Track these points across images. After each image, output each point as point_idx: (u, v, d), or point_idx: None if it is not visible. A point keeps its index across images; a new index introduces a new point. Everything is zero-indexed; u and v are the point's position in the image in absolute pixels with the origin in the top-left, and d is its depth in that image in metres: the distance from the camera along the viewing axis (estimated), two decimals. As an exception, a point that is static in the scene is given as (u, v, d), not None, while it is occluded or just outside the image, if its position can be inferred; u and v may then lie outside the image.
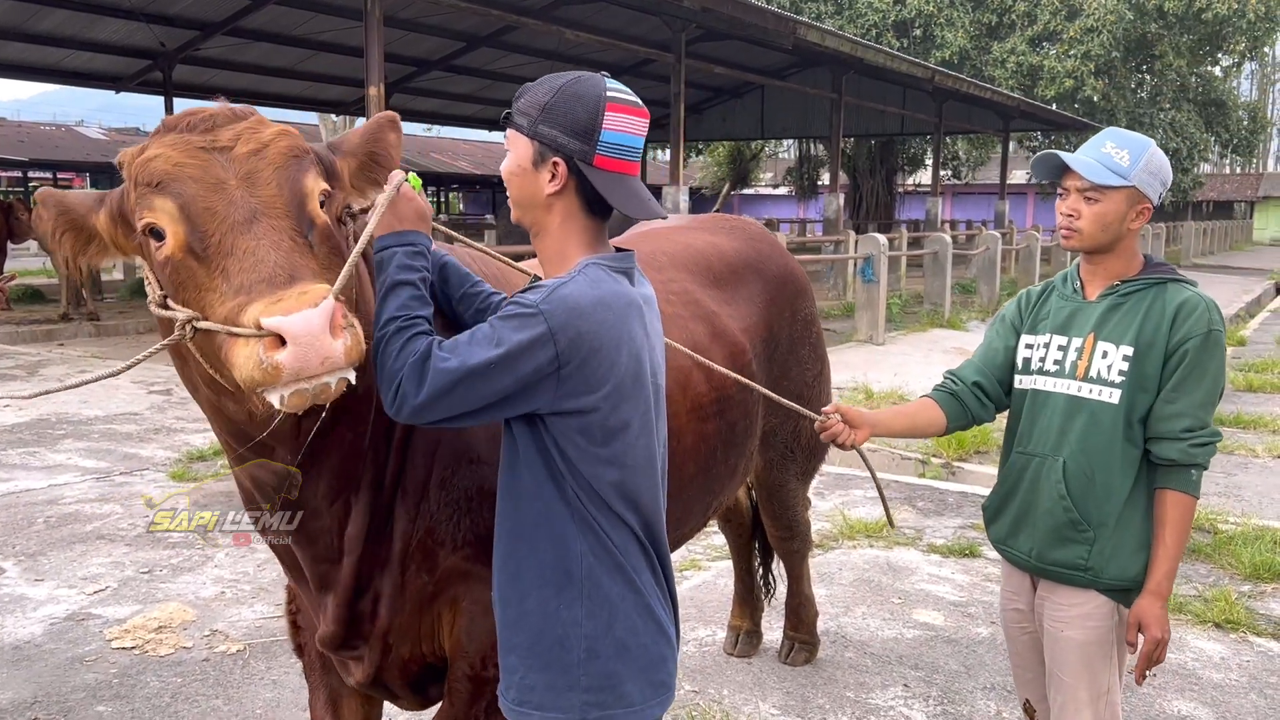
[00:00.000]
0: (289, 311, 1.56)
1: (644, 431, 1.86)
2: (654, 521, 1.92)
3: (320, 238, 1.80)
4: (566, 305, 1.71)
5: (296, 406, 1.61)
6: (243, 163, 1.77)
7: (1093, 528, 2.40)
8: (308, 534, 2.12)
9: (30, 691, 3.85)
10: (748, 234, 3.59)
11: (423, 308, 1.79)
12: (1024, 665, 2.67)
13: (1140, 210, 2.41)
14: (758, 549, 4.31)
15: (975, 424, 2.71)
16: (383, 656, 2.23)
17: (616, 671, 1.84)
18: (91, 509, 6.02)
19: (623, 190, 1.82)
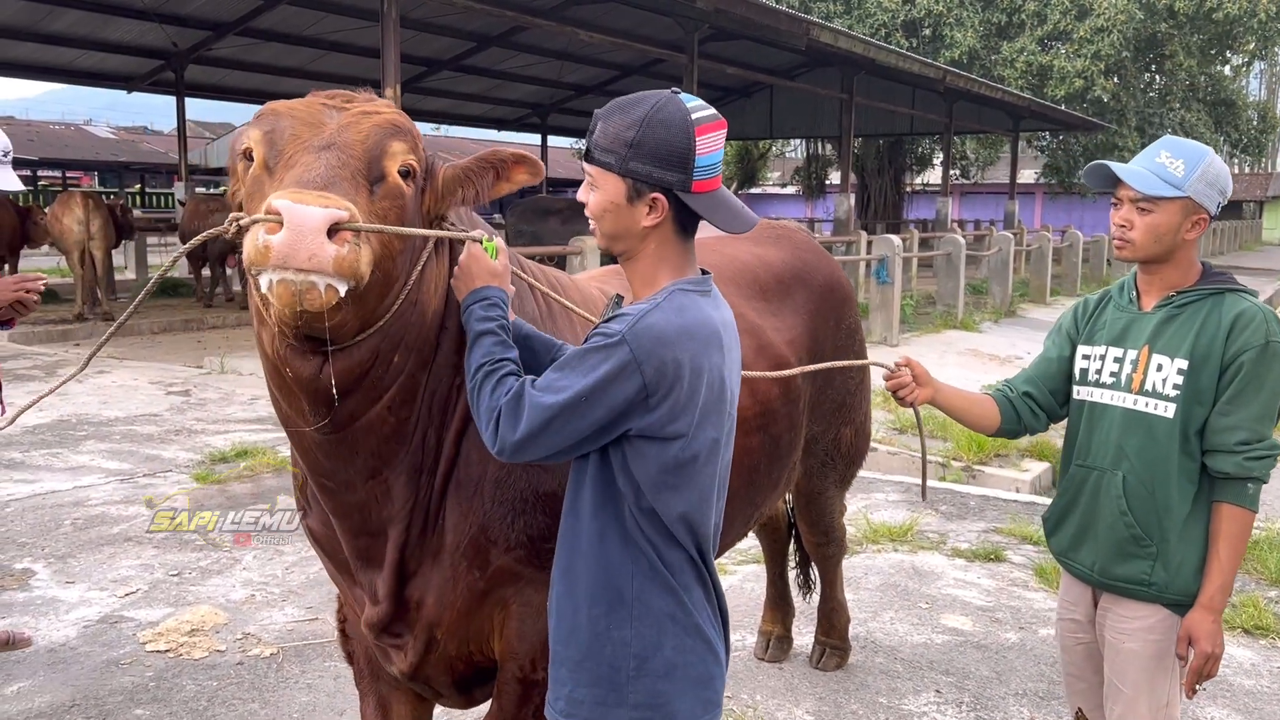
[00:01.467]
0: (299, 201, 1.64)
1: (712, 459, 1.87)
2: (707, 544, 1.93)
3: (385, 193, 1.87)
4: (652, 334, 1.73)
5: (282, 299, 1.66)
6: (349, 116, 1.90)
7: (1155, 542, 2.39)
8: (343, 507, 2.14)
9: (68, 694, 3.87)
10: (794, 243, 3.60)
11: (507, 351, 1.87)
12: (1078, 675, 2.67)
13: (1196, 221, 2.38)
14: (794, 552, 4.32)
15: (1028, 432, 2.71)
16: (428, 649, 2.24)
17: (665, 690, 1.85)
18: (117, 511, 6.04)
19: (720, 209, 1.85)
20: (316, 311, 1.70)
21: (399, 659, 2.28)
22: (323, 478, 2.10)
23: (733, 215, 1.86)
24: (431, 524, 2.15)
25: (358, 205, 1.75)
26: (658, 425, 1.76)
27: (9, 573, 5.06)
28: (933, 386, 2.62)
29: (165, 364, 11.31)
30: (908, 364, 2.62)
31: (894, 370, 2.62)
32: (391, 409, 2.01)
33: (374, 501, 2.11)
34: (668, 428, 1.77)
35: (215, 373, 10.83)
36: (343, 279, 1.69)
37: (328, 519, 2.22)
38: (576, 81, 24.76)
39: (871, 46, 17.28)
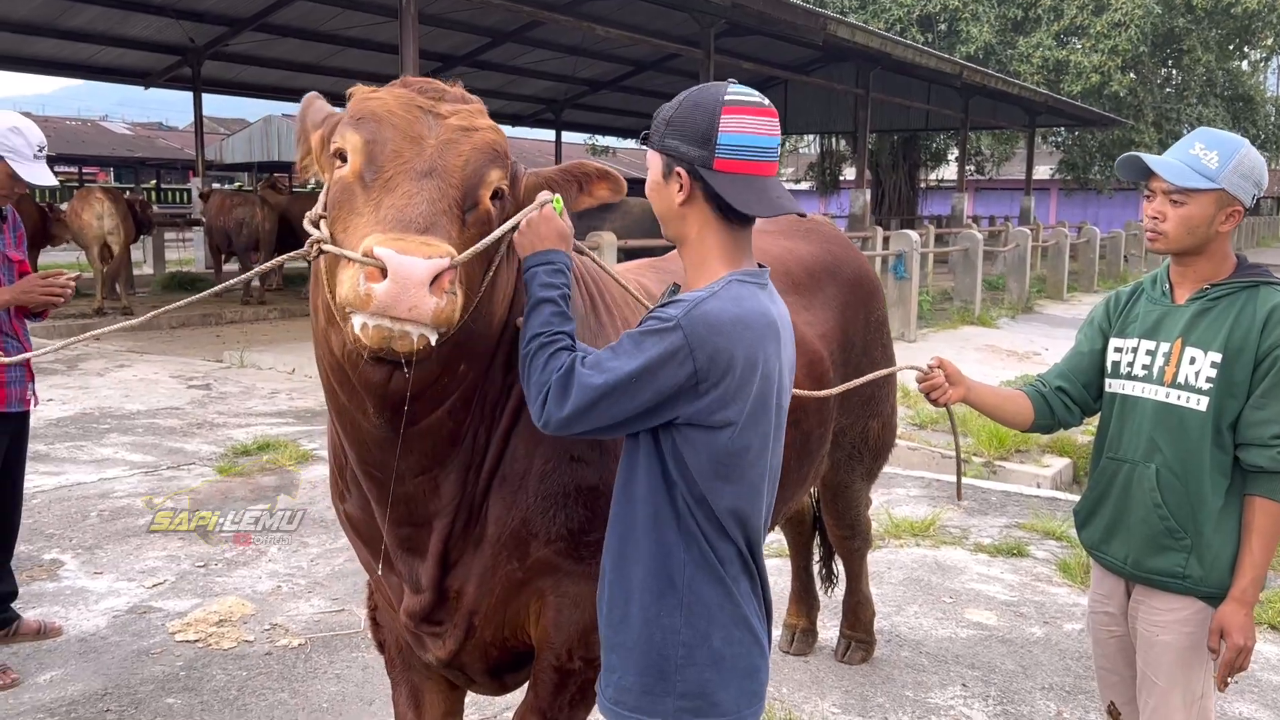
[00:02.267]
0: (404, 251, 1.63)
1: (762, 453, 1.87)
2: (756, 537, 1.93)
3: (476, 220, 1.88)
4: (707, 321, 1.73)
5: (374, 341, 1.67)
6: (448, 131, 1.88)
7: (1189, 535, 2.39)
8: (390, 497, 2.14)
9: (100, 683, 3.91)
10: (823, 236, 3.60)
11: (564, 324, 1.86)
12: (1110, 668, 2.67)
13: (1231, 213, 2.37)
14: (818, 546, 4.33)
15: (1061, 427, 2.71)
16: (466, 636, 2.26)
17: (711, 680, 1.86)
18: (143, 503, 6.08)
19: (746, 190, 1.82)
20: (402, 352, 1.71)
21: (436, 646, 2.29)
22: (372, 468, 2.11)
23: (759, 198, 1.82)
24: (475, 517, 2.16)
25: (452, 239, 1.76)
26: (706, 413, 1.77)
27: (38, 563, 5.10)
28: (965, 385, 2.63)
29: (185, 358, 11.37)
30: (940, 365, 2.63)
31: (927, 372, 2.63)
32: (451, 413, 2.03)
33: (421, 495, 2.12)
34: (716, 415, 1.77)
35: (235, 367, 10.88)
36: (438, 329, 1.70)
37: (368, 505, 2.23)
38: (590, 77, 24.75)
39: (888, 41, 17.24)
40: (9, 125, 3.78)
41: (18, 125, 3.83)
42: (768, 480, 1.93)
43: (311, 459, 7.08)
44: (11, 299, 3.81)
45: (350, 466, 2.21)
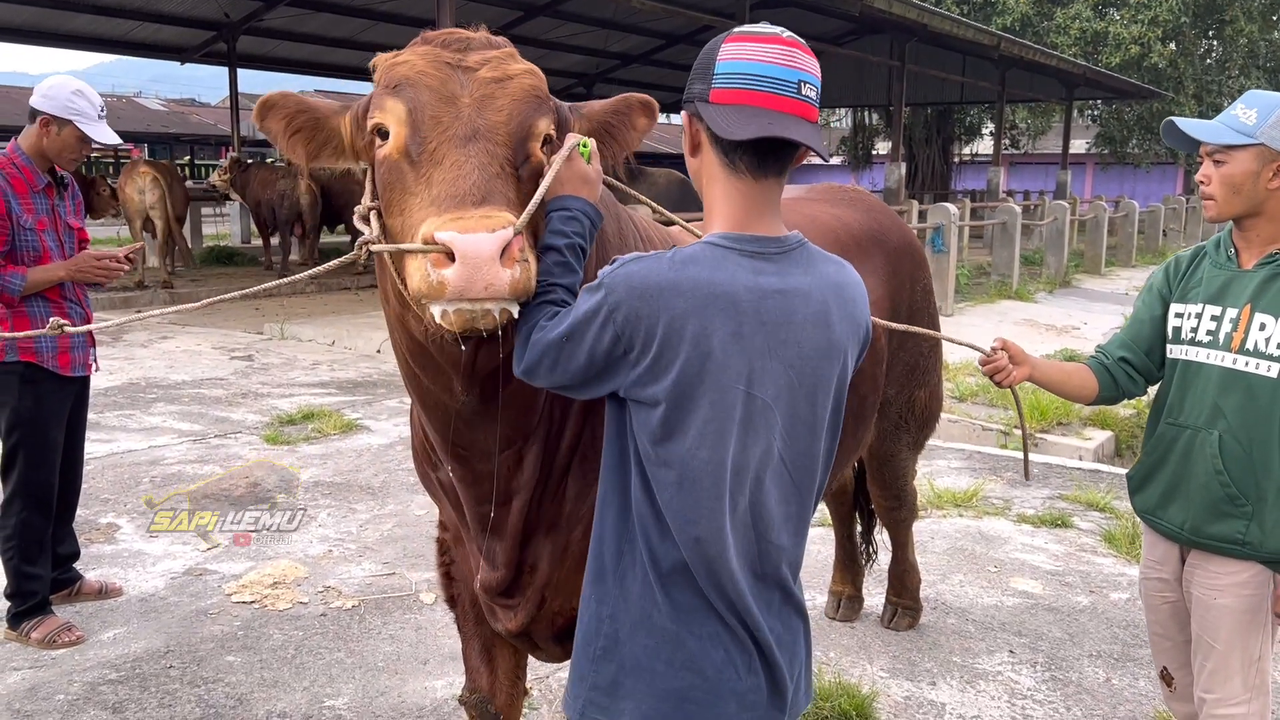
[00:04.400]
0: (466, 230, 1.56)
1: (707, 444, 1.61)
2: (715, 556, 1.64)
3: (530, 174, 1.77)
4: (629, 283, 1.59)
5: (457, 325, 1.60)
6: (482, 85, 1.77)
7: (1251, 502, 2.38)
8: (475, 475, 2.10)
9: (162, 641, 4.01)
10: (867, 205, 3.60)
11: (564, 274, 1.72)
12: (1164, 634, 2.67)
13: (1277, 169, 2.33)
14: (859, 516, 4.34)
15: (1126, 397, 2.70)
16: (537, 609, 2.27)
17: (623, 684, 1.70)
18: (193, 470, 6.19)
19: (735, 116, 1.59)
20: (488, 327, 1.63)
21: (508, 619, 2.30)
22: (459, 447, 2.07)
23: (740, 121, 1.59)
24: (552, 493, 2.14)
25: (510, 202, 1.68)
26: (638, 386, 1.62)
27: (95, 526, 5.22)
28: (1029, 364, 2.61)
29: (225, 330, 11.51)
30: (1004, 346, 2.59)
31: (990, 354, 2.59)
32: None
33: (506, 471, 2.08)
34: (646, 390, 1.61)
35: (276, 339, 11.01)
36: (516, 301, 1.62)
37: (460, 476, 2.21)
38: (622, 50, 24.65)
39: (925, 12, 17.01)
40: (72, 89, 3.84)
41: (80, 88, 3.89)
42: (730, 482, 1.64)
43: (356, 428, 7.17)
44: (66, 275, 3.87)
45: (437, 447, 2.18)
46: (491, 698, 2.60)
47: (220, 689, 3.66)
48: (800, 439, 1.71)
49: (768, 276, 1.63)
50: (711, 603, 1.67)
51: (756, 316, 1.61)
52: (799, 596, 1.79)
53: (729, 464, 1.63)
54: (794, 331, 1.65)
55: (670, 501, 1.64)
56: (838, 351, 1.72)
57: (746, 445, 1.65)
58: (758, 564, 1.71)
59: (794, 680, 1.76)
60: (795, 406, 1.68)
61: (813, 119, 1.64)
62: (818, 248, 1.77)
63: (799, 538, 1.77)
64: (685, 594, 1.66)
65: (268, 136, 2.03)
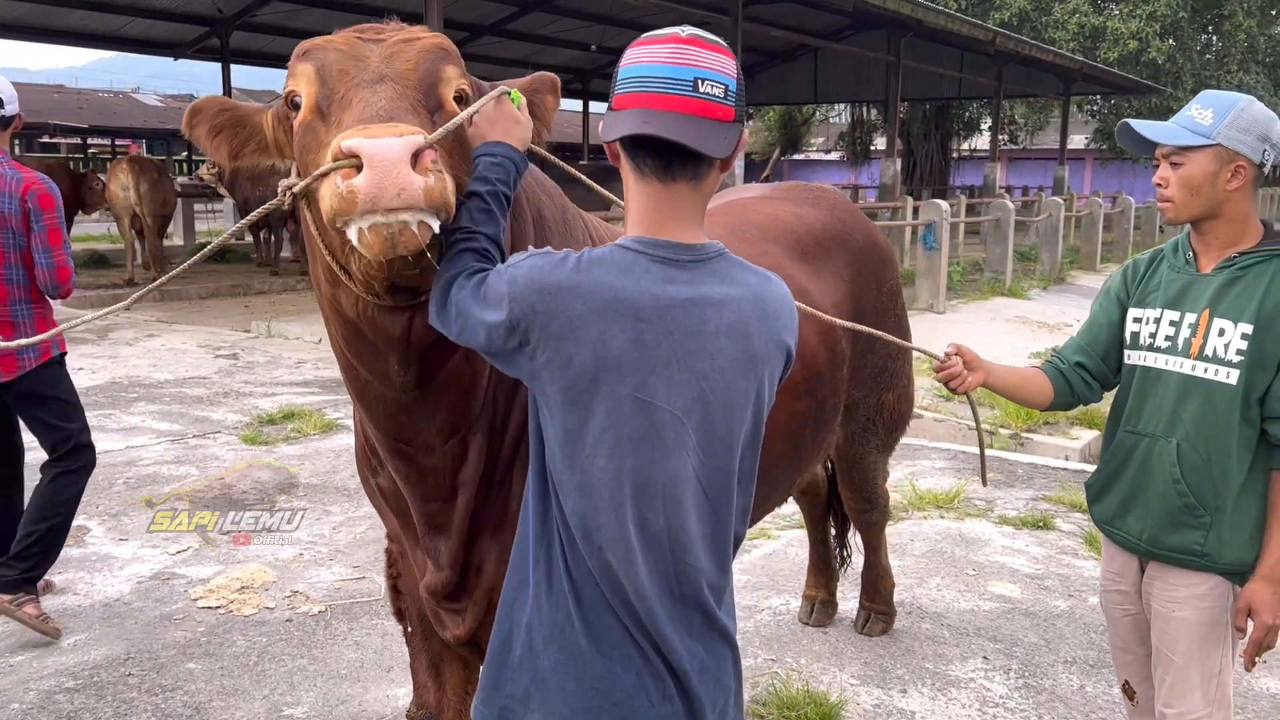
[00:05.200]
0: (372, 136, 1.51)
1: (603, 453, 1.56)
2: (620, 572, 1.58)
3: (446, 118, 1.73)
4: (530, 277, 1.54)
5: (376, 247, 1.52)
6: (390, 46, 1.78)
7: (1209, 512, 2.32)
8: (419, 471, 2.06)
9: (123, 648, 3.95)
10: (831, 204, 3.53)
11: (487, 222, 1.69)
12: (1125, 647, 2.61)
13: (1234, 170, 2.28)
14: (833, 519, 4.29)
15: (1081, 403, 2.64)
16: (484, 614, 2.21)
17: (532, 697, 1.64)
18: (169, 471, 6.14)
19: (615, 118, 1.57)
20: (409, 256, 1.57)
21: (455, 624, 2.25)
22: (401, 442, 2.02)
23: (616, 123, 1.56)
24: (497, 490, 2.10)
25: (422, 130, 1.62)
26: (536, 381, 1.58)
27: (65, 529, 5.16)
28: (984, 369, 2.55)
29: (213, 328, 11.46)
30: (958, 352, 2.55)
31: (944, 360, 2.55)
32: (469, 357, 1.90)
33: (450, 465, 2.04)
34: (544, 388, 1.57)
35: (262, 336, 10.95)
36: (434, 212, 1.54)
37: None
38: (618, 46, 24.51)
39: (919, 7, 16.92)
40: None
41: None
42: (633, 496, 1.57)
43: (336, 428, 7.12)
44: None
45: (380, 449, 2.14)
46: (439, 714, 2.55)
47: (178, 697, 3.60)
48: (718, 455, 1.64)
49: (678, 285, 1.57)
50: (623, 622, 1.60)
51: (661, 324, 1.55)
52: (724, 622, 1.70)
53: (629, 476, 1.57)
54: (705, 342, 1.58)
55: (574, 509, 1.59)
56: (757, 365, 1.65)
57: (654, 459, 1.58)
58: (675, 585, 1.63)
59: (716, 711, 1.68)
60: (710, 421, 1.61)
61: (717, 115, 1.56)
62: (742, 259, 1.70)
63: (720, 558, 1.69)
64: (598, 611, 1.60)
65: (195, 143, 2.02)
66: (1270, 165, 2.29)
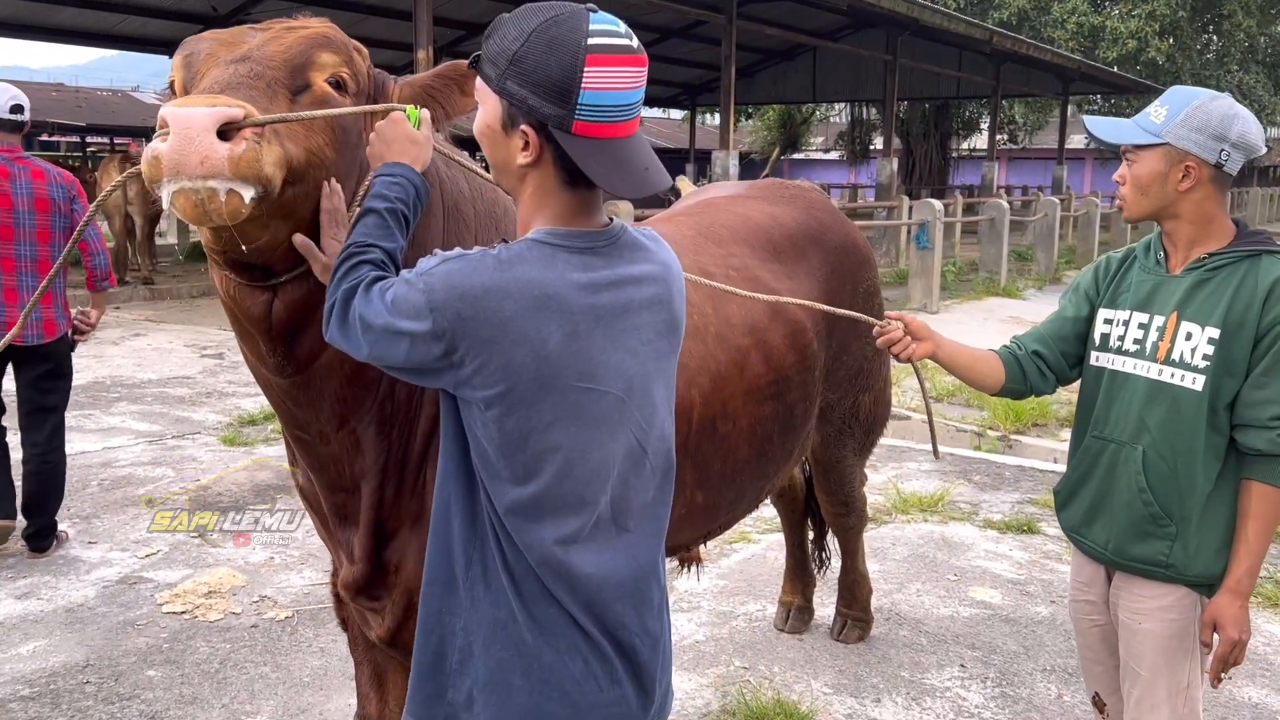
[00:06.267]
0: (183, 105, 1.50)
1: (550, 445, 1.53)
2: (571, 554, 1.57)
3: (311, 102, 1.74)
4: (449, 283, 1.47)
5: (187, 212, 1.52)
6: (272, 33, 1.78)
7: (1175, 522, 2.23)
8: (319, 460, 2.06)
9: (83, 655, 3.88)
10: (807, 202, 3.45)
11: (385, 238, 1.65)
12: (1094, 658, 2.53)
13: (1185, 170, 2.20)
14: (810, 524, 4.21)
15: (1033, 394, 2.54)
16: (406, 614, 2.15)
17: (479, 700, 1.60)
18: (144, 472, 6.07)
19: (606, 159, 1.50)
20: (226, 224, 1.56)
21: (376, 624, 2.20)
22: (297, 429, 2.02)
23: (623, 173, 1.51)
24: (410, 484, 2.06)
25: (270, 110, 1.62)
26: (467, 387, 1.51)
27: (34, 532, 5.09)
28: (933, 341, 2.48)
29: (200, 327, 11.39)
30: (899, 318, 2.50)
31: (884, 326, 2.50)
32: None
33: (346, 454, 2.02)
34: (477, 393, 1.51)
35: (250, 336, 10.88)
36: (244, 182, 1.53)
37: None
38: (615, 45, 24.45)
39: (916, 6, 16.86)
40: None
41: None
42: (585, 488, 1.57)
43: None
44: None
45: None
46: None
47: (135, 706, 3.52)
48: (656, 424, 1.66)
49: (598, 271, 1.56)
50: (567, 610, 1.58)
51: (591, 313, 1.53)
52: (666, 592, 1.74)
53: (578, 460, 1.56)
54: (632, 318, 1.59)
55: (515, 502, 1.55)
56: (677, 329, 1.70)
57: (602, 441, 1.57)
58: (626, 561, 1.64)
59: (662, 686, 1.71)
60: (648, 393, 1.63)
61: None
62: (637, 230, 1.69)
63: (662, 525, 1.71)
64: (540, 603, 1.57)
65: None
66: (1231, 166, 2.20)
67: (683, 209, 3.40)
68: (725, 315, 2.75)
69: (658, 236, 1.72)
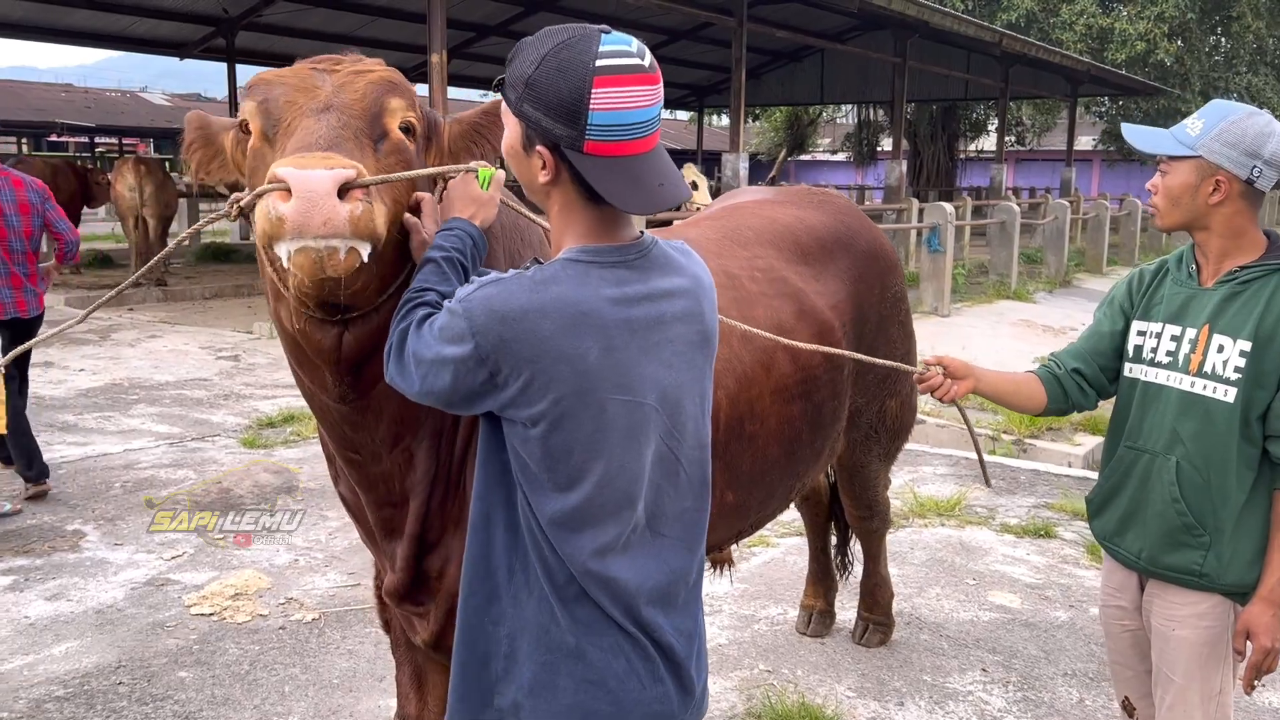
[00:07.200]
0: (303, 166, 1.58)
1: (591, 456, 1.58)
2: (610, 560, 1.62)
3: (390, 149, 1.83)
4: (488, 307, 1.53)
5: (305, 269, 1.60)
6: (342, 77, 1.85)
7: (1208, 532, 2.27)
8: (369, 479, 2.11)
9: (115, 656, 3.93)
10: (836, 208, 3.50)
11: (440, 282, 1.72)
12: (1124, 663, 2.56)
13: (1215, 183, 2.23)
14: (835, 528, 4.25)
15: (1075, 410, 2.60)
16: (448, 618, 2.19)
17: (524, 705, 1.65)
18: (166, 474, 6.12)
19: (618, 177, 1.55)
20: (339, 278, 1.64)
21: (421, 628, 2.26)
22: (349, 450, 2.07)
23: (634, 189, 1.55)
24: (452, 493, 2.11)
25: (364, 165, 1.70)
26: (513, 407, 1.56)
27: (60, 534, 5.14)
28: (973, 377, 2.52)
29: (215, 329, 11.44)
30: (939, 361, 2.53)
31: (923, 373, 2.54)
32: None
33: (398, 471, 2.08)
34: (523, 411, 1.56)
35: (264, 338, 10.93)
36: (361, 240, 1.63)
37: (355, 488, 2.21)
38: (624, 47, 24.46)
39: (925, 9, 16.85)
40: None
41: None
42: (624, 497, 1.62)
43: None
44: None
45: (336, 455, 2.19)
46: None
47: (169, 707, 3.57)
48: (691, 433, 1.72)
49: (631, 285, 1.61)
50: (608, 612, 1.63)
51: (626, 327, 1.58)
52: (700, 589, 1.80)
53: (618, 470, 1.62)
54: (665, 330, 1.64)
55: (557, 511, 1.61)
56: (710, 341, 1.74)
57: (640, 451, 1.63)
58: (660, 566, 1.69)
59: (702, 679, 1.76)
60: (681, 403, 1.68)
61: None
62: (668, 243, 1.74)
63: (700, 531, 1.76)
64: (583, 606, 1.63)
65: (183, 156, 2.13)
66: (1263, 183, 2.23)
67: (710, 214, 3.45)
68: (751, 318, 2.79)
69: (689, 249, 1.77)
